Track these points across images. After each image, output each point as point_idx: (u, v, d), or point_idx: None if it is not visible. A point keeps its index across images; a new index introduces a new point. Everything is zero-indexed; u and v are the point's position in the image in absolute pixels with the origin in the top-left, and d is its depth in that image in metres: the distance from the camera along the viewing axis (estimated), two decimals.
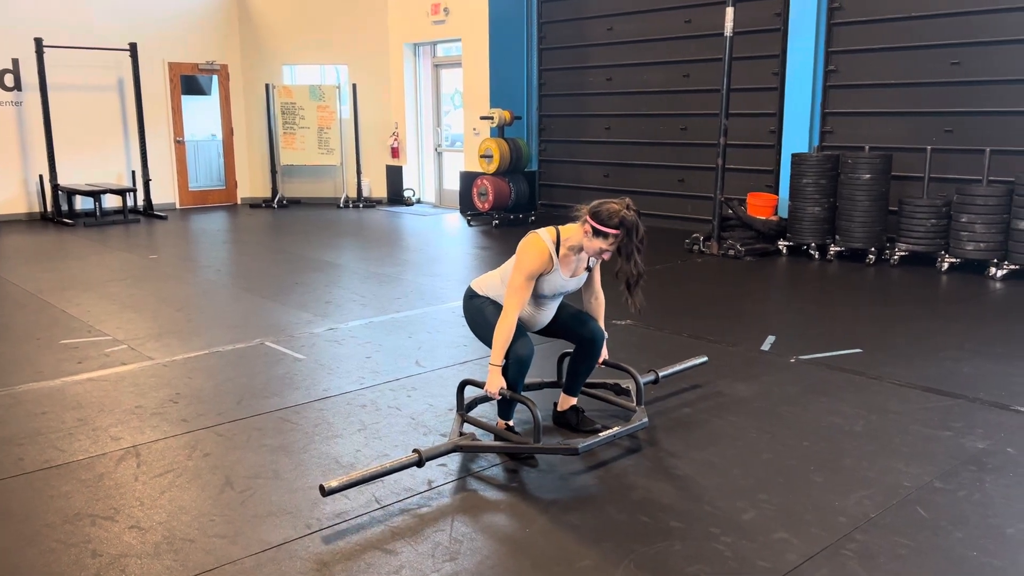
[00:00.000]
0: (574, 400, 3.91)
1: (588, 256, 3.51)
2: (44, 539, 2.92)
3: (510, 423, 3.71)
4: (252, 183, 13.31)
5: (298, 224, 10.97)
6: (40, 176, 11.22)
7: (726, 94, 8.30)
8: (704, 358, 4.62)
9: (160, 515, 3.09)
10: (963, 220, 7.29)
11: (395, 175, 12.97)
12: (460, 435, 3.56)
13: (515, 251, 3.51)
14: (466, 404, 3.87)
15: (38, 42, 10.67)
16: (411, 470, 3.38)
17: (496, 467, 3.49)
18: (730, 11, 8.14)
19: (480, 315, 3.67)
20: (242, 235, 10.34)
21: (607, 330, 3.87)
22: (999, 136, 7.51)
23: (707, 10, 9.52)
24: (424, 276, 7.53)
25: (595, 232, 3.34)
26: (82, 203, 11.49)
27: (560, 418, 3.92)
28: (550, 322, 3.73)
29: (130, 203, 11.42)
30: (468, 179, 11.02)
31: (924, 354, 5.00)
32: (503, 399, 3.55)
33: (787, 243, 8.47)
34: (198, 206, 12.83)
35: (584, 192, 10.65)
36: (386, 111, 12.83)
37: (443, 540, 2.90)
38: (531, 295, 3.54)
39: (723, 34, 8.26)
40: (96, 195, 10.95)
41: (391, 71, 12.71)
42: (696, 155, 9.88)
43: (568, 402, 3.91)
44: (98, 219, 10.92)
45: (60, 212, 11.15)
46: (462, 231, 10.38)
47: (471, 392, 3.93)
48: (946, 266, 7.45)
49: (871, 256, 7.89)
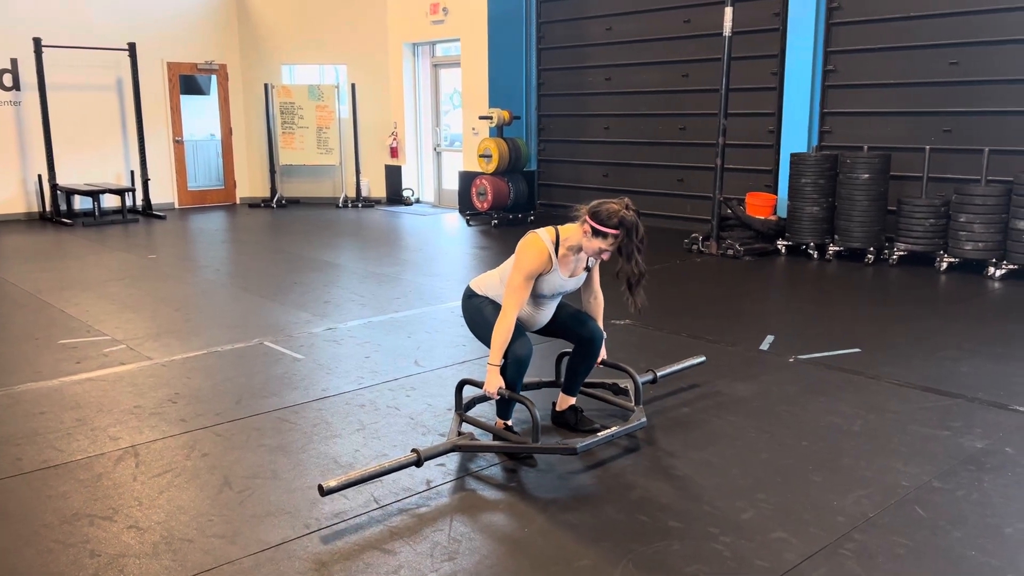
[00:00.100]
0: (573, 400, 3.91)
1: (587, 256, 3.52)
2: (42, 539, 2.92)
3: (509, 423, 3.71)
4: (251, 183, 13.31)
5: (297, 224, 10.96)
6: (39, 176, 11.22)
7: (725, 94, 8.30)
8: (702, 358, 4.62)
9: (158, 515, 3.08)
10: (962, 220, 7.29)
11: (394, 175, 12.97)
12: (458, 435, 3.56)
13: (514, 251, 3.51)
14: (464, 404, 3.87)
15: (37, 42, 10.67)
16: (410, 470, 3.38)
17: (495, 467, 3.49)
18: (729, 11, 8.14)
19: (479, 315, 3.67)
20: (241, 235, 10.34)
21: (606, 330, 3.87)
22: (997, 136, 7.52)
23: (706, 10, 9.52)
24: (423, 276, 7.53)
25: (594, 232, 3.34)
26: (81, 203, 11.48)
27: (559, 418, 3.92)
28: (549, 322, 3.73)
29: (129, 203, 11.41)
30: (467, 179, 11.02)
31: (923, 354, 5.01)
32: (501, 399, 3.55)
33: (786, 243, 8.47)
34: (197, 206, 12.83)
35: (583, 192, 10.65)
36: (385, 111, 12.83)
37: (442, 540, 2.90)
38: (530, 295, 3.54)
39: (722, 34, 8.26)
40: (95, 195, 10.95)
41: (390, 71, 12.71)
42: (695, 155, 9.88)
43: (567, 402, 3.91)
44: (97, 219, 10.92)
45: (59, 212, 11.14)
46: (461, 231, 10.38)
47: (469, 392, 3.93)
48: (945, 266, 7.46)
49: (870, 256, 7.89)
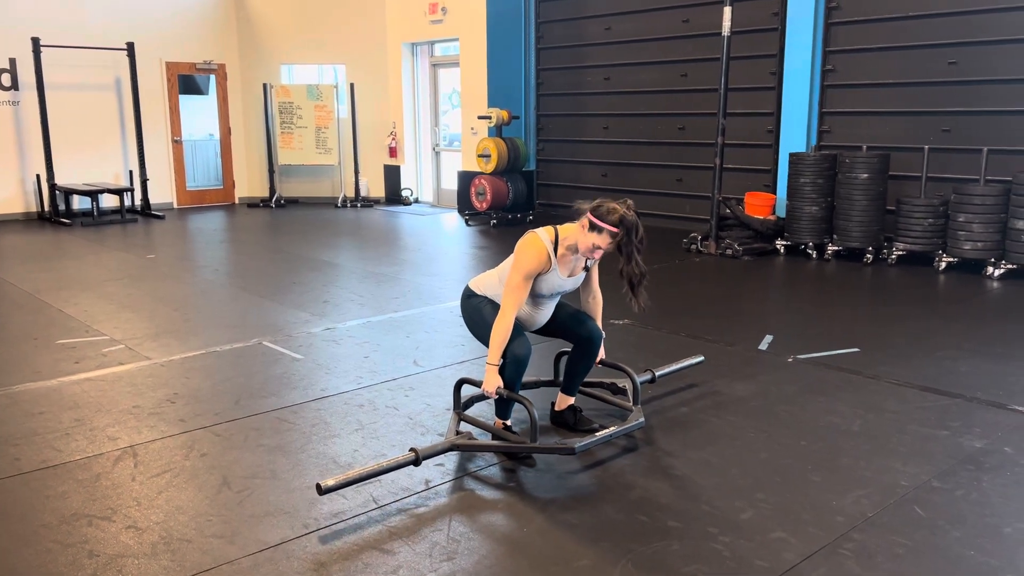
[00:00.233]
0: (572, 400, 3.91)
1: (582, 253, 3.50)
2: (41, 539, 2.91)
3: (508, 423, 3.71)
4: (250, 183, 13.30)
5: (296, 224, 10.96)
6: (37, 176, 11.21)
7: (724, 94, 8.30)
8: (700, 357, 4.62)
9: (157, 515, 3.08)
10: (960, 219, 7.29)
11: (393, 175, 12.96)
12: (457, 434, 3.55)
13: (513, 250, 3.51)
14: (463, 403, 3.87)
15: (35, 41, 10.66)
16: (408, 469, 3.38)
17: (493, 467, 3.49)
18: (728, 11, 8.14)
19: (478, 314, 3.67)
20: (240, 235, 10.33)
21: (605, 330, 3.87)
22: (996, 136, 7.52)
23: (705, 10, 9.53)
24: (422, 276, 7.53)
25: (591, 226, 3.35)
26: (79, 203, 11.47)
27: (558, 418, 3.92)
28: (548, 322, 3.73)
29: (127, 203, 11.40)
30: (466, 179, 11.02)
31: (921, 353, 5.01)
32: (500, 398, 3.55)
33: (785, 242, 8.47)
34: (196, 206, 12.82)
35: (582, 192, 10.65)
36: (384, 111, 12.83)
37: (440, 540, 2.90)
38: (529, 295, 3.54)
39: (721, 34, 8.27)
40: (93, 195, 10.94)
41: (389, 70, 12.71)
42: (694, 154, 9.88)
43: (566, 402, 3.91)
44: (95, 219, 10.91)
45: (57, 212, 11.13)
46: (460, 231, 10.38)
47: (468, 391, 3.93)
48: (943, 265, 7.46)
49: (869, 255, 7.89)
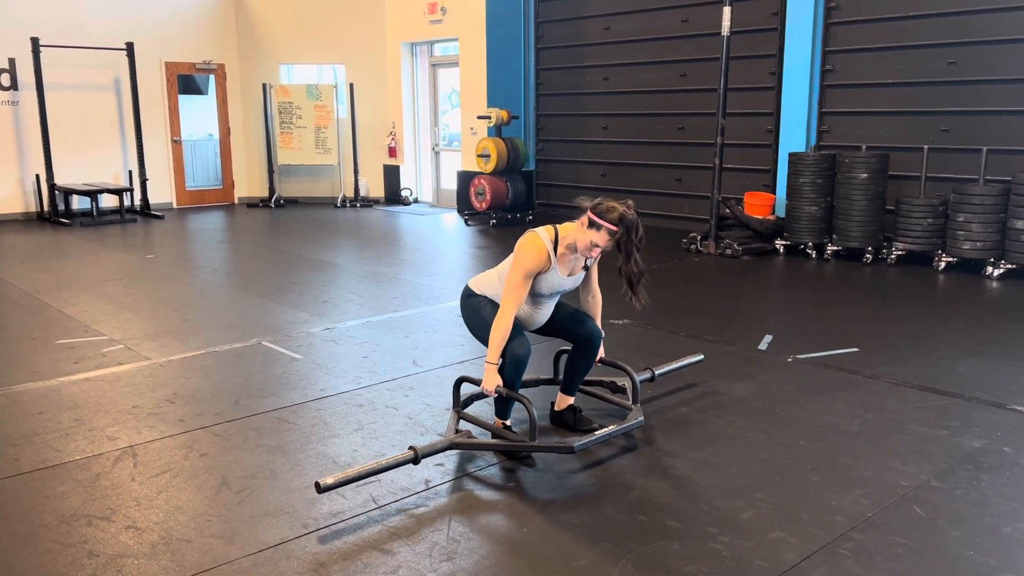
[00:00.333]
0: (571, 399, 3.91)
1: (580, 250, 3.49)
2: (40, 539, 2.91)
3: (507, 423, 3.71)
4: (249, 183, 13.30)
5: (295, 224, 10.96)
6: (36, 176, 11.21)
7: (723, 93, 8.30)
8: (700, 356, 4.62)
9: (157, 515, 3.08)
10: (960, 219, 7.30)
11: (392, 175, 12.96)
12: (456, 432, 3.55)
13: (513, 250, 3.51)
14: (462, 401, 3.87)
15: (34, 41, 10.65)
16: (408, 469, 3.38)
17: (493, 467, 3.49)
18: (727, 11, 8.14)
19: (477, 314, 3.67)
20: (239, 235, 10.33)
21: (604, 329, 3.87)
22: (996, 135, 7.52)
23: (704, 9, 9.53)
24: (421, 275, 7.53)
25: (590, 223, 3.35)
26: (79, 203, 11.46)
27: (557, 417, 3.92)
28: (548, 321, 3.73)
29: (127, 203, 11.39)
30: (465, 178, 11.02)
31: (921, 353, 5.01)
32: (500, 397, 3.55)
33: (784, 242, 8.47)
34: (195, 206, 12.82)
35: (581, 192, 10.60)
36: (383, 110, 12.82)
37: (440, 540, 2.90)
38: (529, 294, 3.54)
39: (720, 33, 8.27)
40: (93, 195, 10.93)
41: (388, 70, 12.71)
42: (693, 154, 9.88)
43: (565, 401, 3.91)
44: (95, 219, 10.90)
45: (57, 212, 11.13)
46: (459, 230, 10.38)
47: (467, 389, 3.93)
48: (943, 265, 7.46)
49: (868, 255, 7.89)
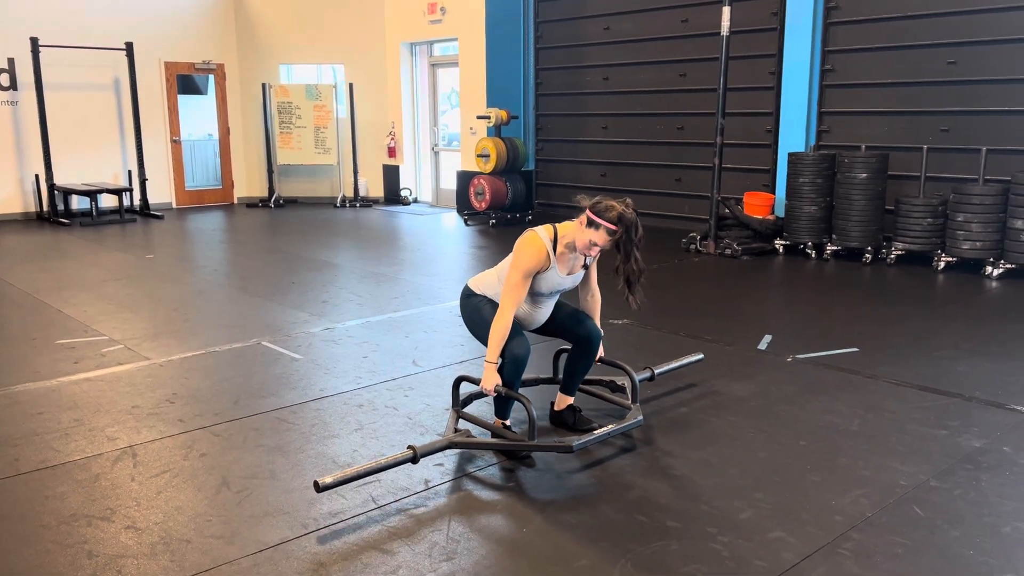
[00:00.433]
0: (571, 399, 3.91)
1: (579, 249, 3.49)
2: (40, 540, 2.91)
3: (507, 422, 3.71)
4: (249, 183, 13.30)
5: (295, 223, 10.96)
6: (36, 176, 11.21)
7: (723, 93, 8.31)
8: (700, 355, 4.62)
9: (156, 515, 3.08)
10: (959, 219, 7.30)
11: (392, 174, 12.96)
12: (455, 431, 3.55)
13: (512, 249, 3.51)
14: (462, 400, 3.87)
15: (34, 41, 10.65)
16: (408, 469, 3.38)
17: (493, 467, 3.49)
18: (727, 10, 8.14)
19: (477, 314, 3.67)
20: (239, 235, 10.33)
21: (604, 329, 3.87)
22: (995, 135, 7.52)
23: (704, 9, 9.53)
24: (421, 275, 7.53)
25: (589, 222, 3.35)
26: (78, 203, 11.46)
27: (557, 417, 3.92)
28: (547, 321, 3.73)
29: (126, 203, 11.38)
30: (465, 178, 11.02)
31: (920, 353, 5.01)
32: (499, 397, 3.55)
33: (784, 242, 8.48)
34: (194, 206, 12.81)
35: (581, 192, 10.53)
36: (383, 110, 12.82)
37: (440, 540, 2.90)
38: (528, 293, 3.54)
39: (720, 33, 8.27)
40: (92, 195, 10.93)
41: (388, 70, 12.71)
42: (693, 154, 9.89)
43: (565, 401, 3.91)
44: (94, 219, 10.90)
45: (56, 212, 11.12)
46: (459, 230, 10.38)
47: (467, 389, 3.93)
48: (942, 265, 7.46)
49: (867, 255, 7.90)
